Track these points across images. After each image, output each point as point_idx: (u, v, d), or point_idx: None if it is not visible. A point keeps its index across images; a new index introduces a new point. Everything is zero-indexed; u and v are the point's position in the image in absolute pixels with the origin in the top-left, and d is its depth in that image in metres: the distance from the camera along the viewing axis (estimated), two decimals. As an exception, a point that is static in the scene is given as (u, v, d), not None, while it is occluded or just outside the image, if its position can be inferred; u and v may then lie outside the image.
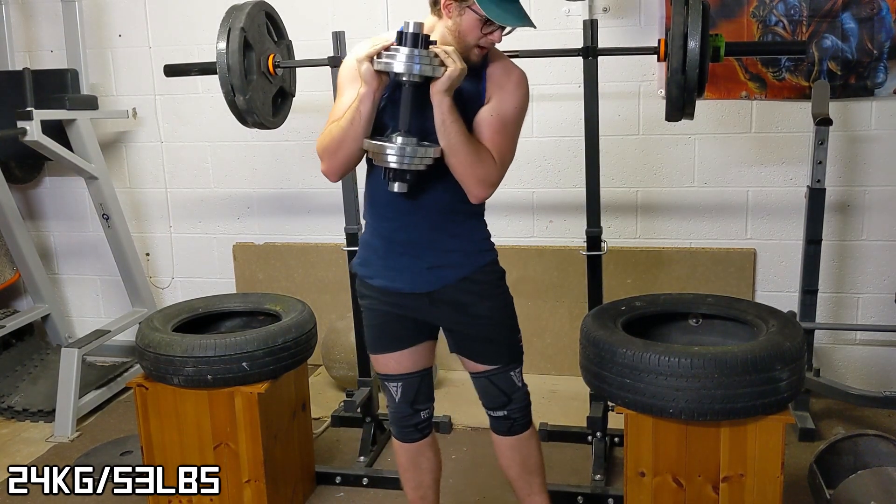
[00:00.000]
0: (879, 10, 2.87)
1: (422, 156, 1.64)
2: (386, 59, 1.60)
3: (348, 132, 1.68)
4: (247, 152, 3.56)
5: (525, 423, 1.94)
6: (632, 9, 3.08)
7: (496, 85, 1.74)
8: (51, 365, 3.42)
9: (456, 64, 1.61)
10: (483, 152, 1.71)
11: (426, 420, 1.96)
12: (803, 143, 3.02)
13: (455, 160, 1.69)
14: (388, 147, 1.63)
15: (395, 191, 1.68)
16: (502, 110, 1.74)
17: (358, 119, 1.66)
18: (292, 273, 3.59)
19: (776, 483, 1.86)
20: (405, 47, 1.59)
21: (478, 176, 1.71)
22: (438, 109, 1.64)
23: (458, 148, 1.67)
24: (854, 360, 3.18)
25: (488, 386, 1.90)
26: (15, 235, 3.33)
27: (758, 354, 1.80)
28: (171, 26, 3.50)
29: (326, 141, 1.73)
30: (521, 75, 1.78)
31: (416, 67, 1.58)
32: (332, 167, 1.76)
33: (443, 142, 1.67)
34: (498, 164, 1.74)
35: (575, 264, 3.22)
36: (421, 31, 1.60)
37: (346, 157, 1.73)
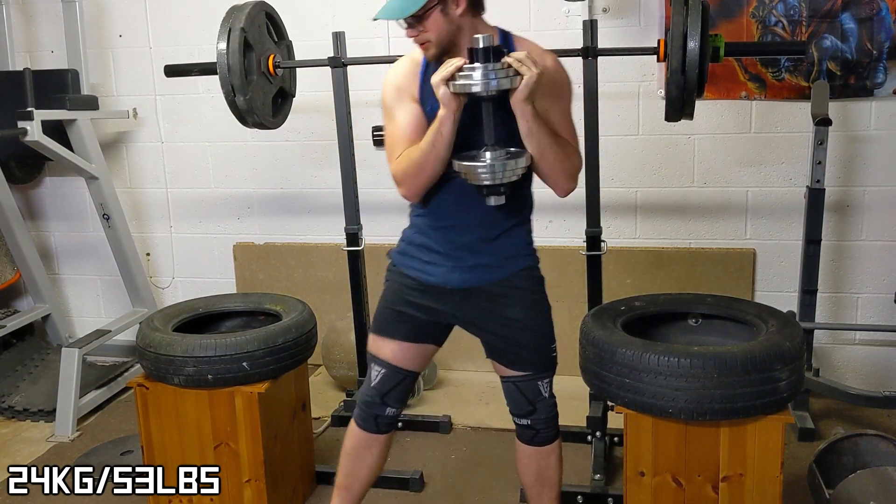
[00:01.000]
0: (879, 10, 2.87)
1: (513, 168, 1.65)
2: (463, 80, 1.60)
3: (430, 155, 1.69)
4: (247, 152, 3.56)
5: (549, 436, 1.91)
6: (632, 9, 3.08)
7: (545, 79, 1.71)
8: (51, 365, 3.42)
9: (532, 70, 1.60)
10: (567, 147, 1.75)
11: (390, 418, 1.94)
12: (803, 143, 3.02)
13: (545, 163, 1.72)
14: (479, 166, 1.64)
15: (493, 204, 1.69)
16: (559, 100, 1.77)
17: (441, 142, 1.67)
18: (292, 273, 3.59)
19: (776, 483, 1.87)
20: (479, 64, 1.59)
21: (567, 171, 1.76)
22: (523, 119, 1.65)
23: (547, 151, 1.70)
24: (853, 360, 3.18)
25: (514, 392, 1.88)
26: (15, 235, 3.33)
27: (757, 354, 1.80)
28: (171, 26, 3.50)
29: (406, 165, 1.73)
30: (555, 60, 1.78)
31: (494, 84, 1.58)
32: (414, 189, 1.77)
33: (531, 148, 1.68)
34: (577, 149, 1.79)
35: (575, 264, 3.22)
36: (492, 43, 1.59)
37: (429, 178, 1.74)
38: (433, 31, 1.69)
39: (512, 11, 3.17)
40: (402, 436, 2.92)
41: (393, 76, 1.81)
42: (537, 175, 1.76)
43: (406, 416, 3.00)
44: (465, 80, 1.60)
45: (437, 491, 2.53)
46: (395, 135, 1.79)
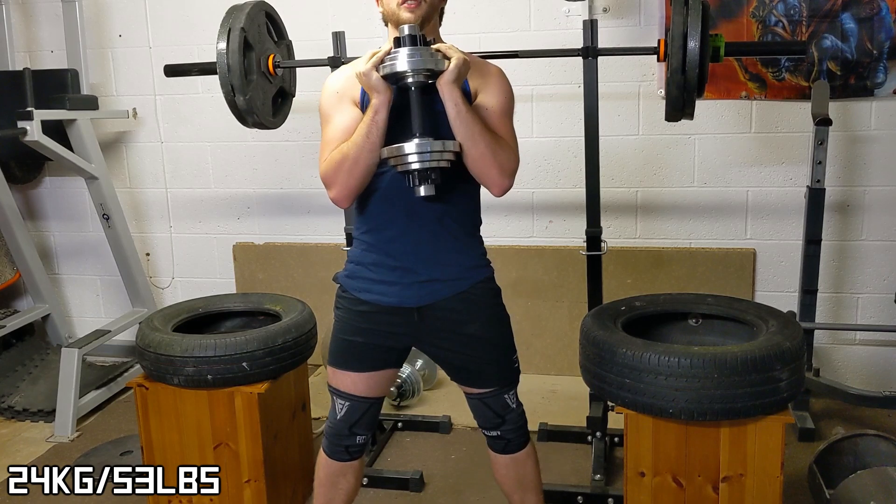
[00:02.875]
0: (879, 10, 2.87)
1: (441, 150, 1.60)
2: (389, 63, 1.59)
3: (364, 146, 1.63)
4: (247, 152, 3.56)
5: (520, 442, 1.89)
6: (632, 9, 3.08)
7: (478, 83, 1.73)
8: (51, 365, 3.42)
9: (459, 54, 1.62)
10: (500, 139, 1.70)
11: (359, 445, 1.89)
12: (803, 143, 3.02)
13: (476, 150, 1.65)
14: (406, 148, 1.59)
15: (423, 194, 1.62)
16: (496, 104, 1.73)
17: (375, 129, 1.62)
18: (292, 273, 3.59)
19: (776, 483, 1.86)
20: (405, 48, 1.59)
21: (500, 163, 1.67)
22: (451, 101, 1.62)
23: (477, 137, 1.64)
24: (854, 360, 3.18)
25: (481, 407, 1.85)
26: (15, 235, 3.33)
27: (757, 354, 1.80)
28: (171, 26, 3.50)
29: (337, 160, 1.67)
30: (498, 70, 1.78)
31: (420, 62, 1.58)
32: (346, 189, 1.69)
33: (459, 133, 1.63)
34: (515, 150, 1.73)
35: (575, 264, 3.22)
36: (417, 31, 1.60)
37: (362, 173, 1.66)
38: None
39: (512, 11, 3.17)
40: (402, 436, 2.92)
41: (334, 81, 1.78)
42: (470, 170, 1.68)
43: (406, 416, 3.00)
44: (391, 62, 1.59)
45: (437, 491, 2.53)
46: (329, 136, 1.74)
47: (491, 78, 1.75)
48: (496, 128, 1.71)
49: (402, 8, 1.67)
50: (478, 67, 1.75)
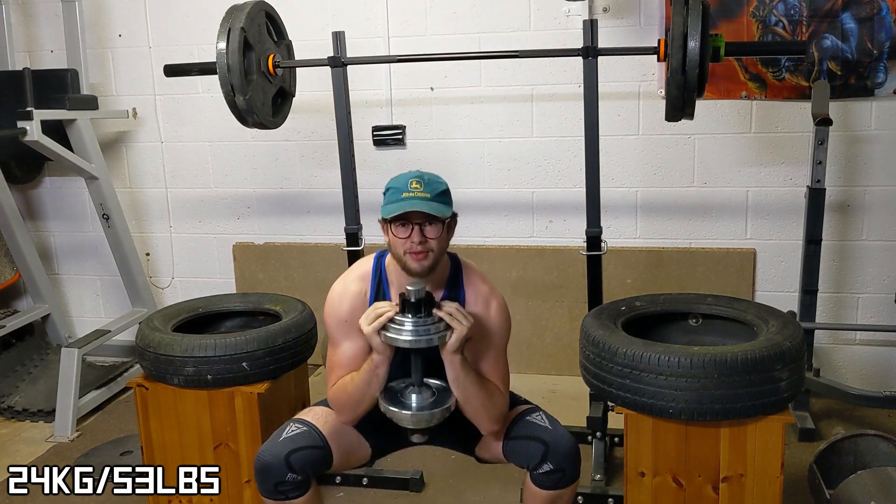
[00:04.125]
0: (879, 10, 2.87)
1: (439, 416, 1.68)
2: (393, 334, 1.62)
3: (366, 393, 1.72)
4: (247, 152, 3.56)
5: (574, 473, 1.74)
6: (632, 9, 3.08)
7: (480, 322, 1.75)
8: (51, 365, 3.42)
9: (462, 325, 1.63)
10: (494, 392, 1.75)
11: (291, 484, 1.71)
12: (803, 143, 3.02)
13: (470, 407, 1.73)
14: (404, 414, 1.67)
15: (416, 442, 1.75)
16: (494, 345, 1.79)
17: (376, 381, 1.70)
18: (292, 273, 3.59)
19: (776, 483, 1.86)
20: (409, 318, 1.60)
21: (491, 416, 1.75)
22: (451, 367, 1.67)
23: (472, 397, 1.71)
24: (854, 360, 3.18)
25: (515, 444, 1.77)
26: (15, 235, 3.33)
27: (758, 354, 1.80)
28: (171, 26, 3.50)
29: (343, 399, 1.77)
30: (500, 304, 1.80)
31: (423, 341, 1.61)
32: (352, 418, 1.80)
33: (457, 392, 1.70)
34: (505, 392, 1.79)
35: (575, 264, 3.22)
36: (422, 295, 1.60)
37: (365, 410, 1.77)
38: (437, 244, 1.68)
39: (512, 11, 3.17)
40: (402, 436, 2.92)
41: (338, 306, 1.80)
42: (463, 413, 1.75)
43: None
44: (395, 335, 1.62)
45: (437, 491, 2.53)
46: (337, 360, 1.81)
47: (491, 320, 1.78)
48: (490, 367, 1.78)
49: (409, 258, 1.68)
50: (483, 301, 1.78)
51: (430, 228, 1.66)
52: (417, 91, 3.31)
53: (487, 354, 1.78)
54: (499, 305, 1.80)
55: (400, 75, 3.30)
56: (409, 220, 1.65)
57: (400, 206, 1.64)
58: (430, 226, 1.66)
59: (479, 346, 1.77)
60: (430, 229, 1.66)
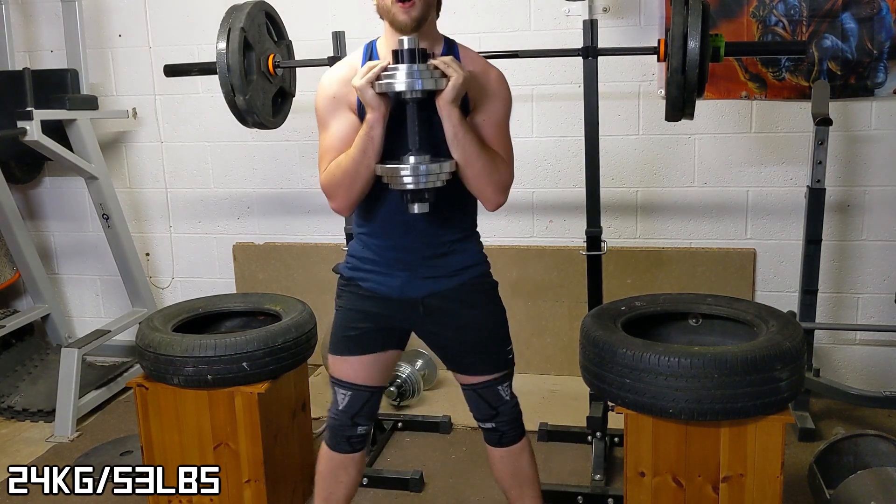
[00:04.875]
0: (879, 10, 2.87)
1: (437, 172, 1.60)
2: (386, 80, 1.57)
3: (362, 162, 1.63)
4: (247, 152, 3.56)
5: (515, 435, 1.90)
6: (632, 9, 3.08)
7: (479, 87, 1.71)
8: (51, 365, 3.42)
9: (458, 72, 1.58)
10: (496, 157, 1.70)
11: (361, 436, 1.90)
12: (803, 143, 3.02)
13: (471, 171, 1.66)
14: (402, 169, 1.58)
15: (416, 212, 1.63)
16: (494, 113, 1.73)
17: (371, 146, 1.62)
18: (292, 273, 3.59)
19: (776, 483, 1.86)
20: (403, 65, 1.56)
21: (496, 182, 1.70)
22: (449, 122, 1.61)
23: (473, 158, 1.65)
24: (854, 360, 3.18)
25: (475, 398, 1.87)
26: (15, 235, 3.33)
27: (758, 354, 1.80)
28: (171, 26, 3.50)
29: (338, 176, 1.68)
30: (498, 74, 1.76)
31: (419, 83, 1.55)
32: (347, 201, 1.71)
33: (456, 154, 1.64)
34: (509, 163, 1.74)
35: (575, 264, 3.22)
36: (416, 45, 1.57)
37: (362, 187, 1.68)
38: None
39: (512, 11, 3.17)
40: (402, 436, 2.92)
41: (329, 83, 1.73)
42: (465, 184, 1.70)
43: (406, 416, 3.00)
44: (388, 80, 1.56)
45: (437, 491, 2.53)
46: (327, 144, 1.73)
47: (490, 86, 1.73)
48: (493, 139, 1.72)
49: (397, 7, 1.63)
50: (476, 74, 1.72)
51: None
52: (417, 91, 3.30)
53: (488, 121, 1.71)
54: (497, 73, 1.75)
55: (400, 75, 3.30)
56: None
57: None
58: None
59: (478, 113, 1.71)
60: None
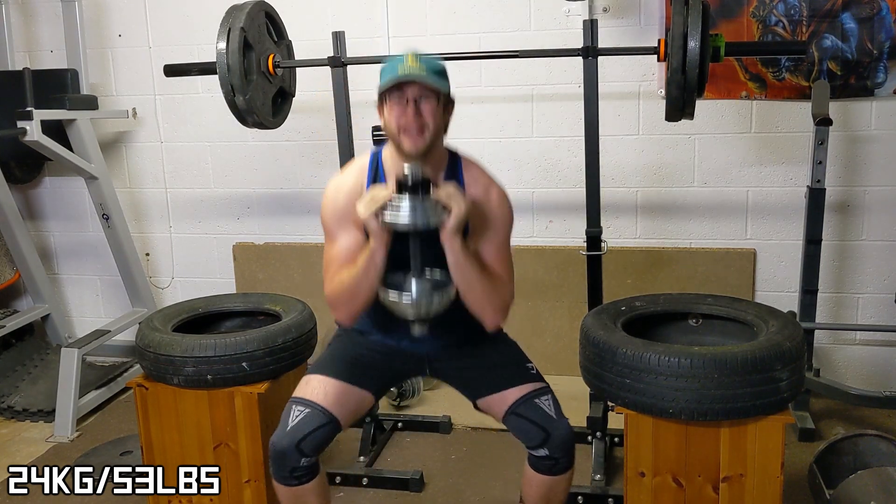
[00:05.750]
0: (879, 10, 2.87)
1: (438, 302, 1.65)
2: (391, 215, 1.59)
3: (364, 283, 1.68)
4: (247, 152, 3.56)
5: (568, 462, 1.81)
6: (632, 9, 3.08)
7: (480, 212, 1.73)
8: (51, 365, 3.42)
9: (461, 205, 1.60)
10: (496, 280, 1.73)
11: (305, 468, 1.75)
12: (803, 143, 3.02)
13: (472, 295, 1.69)
14: (404, 300, 1.64)
15: (416, 334, 1.69)
16: (496, 235, 1.77)
17: (374, 269, 1.66)
18: (292, 273, 3.59)
19: (776, 483, 1.86)
20: (406, 199, 1.58)
21: (495, 305, 1.73)
22: (451, 251, 1.64)
23: (474, 283, 1.68)
24: (854, 360, 3.18)
25: (519, 422, 1.79)
26: (15, 235, 3.33)
27: (758, 354, 1.80)
28: (171, 26, 3.50)
29: (340, 291, 1.73)
30: (500, 195, 1.78)
31: (421, 221, 1.58)
32: (349, 314, 1.76)
33: (458, 279, 1.67)
34: (509, 283, 1.77)
35: (575, 264, 3.22)
36: (420, 176, 1.58)
37: (364, 303, 1.72)
38: (433, 121, 1.66)
39: (512, 11, 3.17)
40: (402, 436, 2.92)
41: (335, 197, 1.79)
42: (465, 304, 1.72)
43: (406, 416, 3.00)
44: (392, 215, 1.59)
45: (437, 491, 2.53)
46: (332, 255, 1.80)
47: (492, 209, 1.76)
48: (493, 260, 1.75)
49: (404, 136, 1.65)
50: (478, 200, 1.75)
51: (425, 105, 1.64)
52: (417, 91, 3.30)
53: (490, 244, 1.75)
54: (499, 193, 1.78)
55: (400, 75, 3.30)
56: (404, 94, 1.63)
57: (396, 77, 1.61)
58: (426, 102, 1.64)
59: (480, 236, 1.73)
60: (426, 105, 1.64)
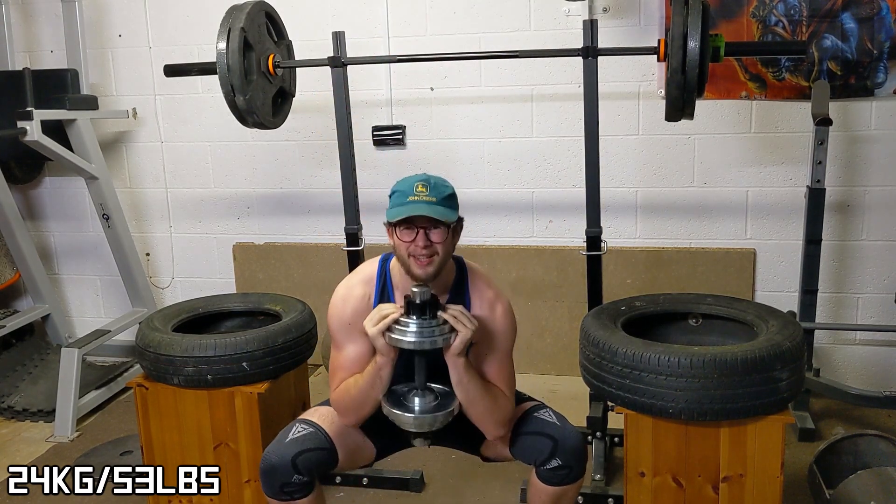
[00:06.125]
0: (879, 10, 2.87)
1: (442, 420, 1.68)
2: (398, 335, 1.61)
3: (370, 395, 1.71)
4: (247, 152, 3.56)
5: (580, 470, 1.76)
6: (632, 9, 3.08)
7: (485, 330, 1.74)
8: (51, 365, 3.42)
9: (466, 328, 1.62)
10: (499, 396, 1.75)
11: (296, 485, 1.72)
12: (803, 143, 3.02)
13: (474, 410, 1.72)
14: (407, 418, 1.67)
15: (418, 446, 1.74)
16: (499, 350, 1.78)
17: (379, 383, 1.69)
18: (292, 273, 3.59)
19: (776, 483, 1.86)
20: (414, 320, 1.60)
21: (496, 420, 1.75)
22: (454, 369, 1.67)
23: (477, 400, 1.71)
24: (854, 360, 3.18)
25: (523, 440, 1.78)
26: (15, 235, 3.33)
27: (758, 354, 1.80)
28: (171, 26, 3.50)
29: (346, 401, 1.76)
30: (505, 310, 1.79)
31: (428, 343, 1.60)
32: (355, 420, 1.79)
33: (461, 395, 1.69)
34: (510, 397, 1.78)
35: (575, 264, 3.22)
36: (427, 297, 1.60)
37: (369, 411, 1.76)
38: (443, 248, 1.67)
39: (512, 11, 3.17)
40: (402, 436, 2.92)
41: (342, 309, 1.78)
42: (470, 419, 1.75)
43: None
44: (399, 336, 1.61)
45: (437, 491, 2.53)
46: (339, 363, 1.80)
47: (496, 325, 1.77)
48: (495, 373, 1.77)
49: (413, 262, 1.67)
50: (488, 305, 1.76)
51: (435, 233, 1.65)
52: (417, 91, 3.31)
53: (492, 359, 1.77)
54: (504, 309, 1.79)
55: (400, 75, 3.30)
56: (414, 223, 1.64)
57: (405, 209, 1.63)
58: (435, 230, 1.65)
59: (483, 351, 1.76)
60: (435, 233, 1.65)
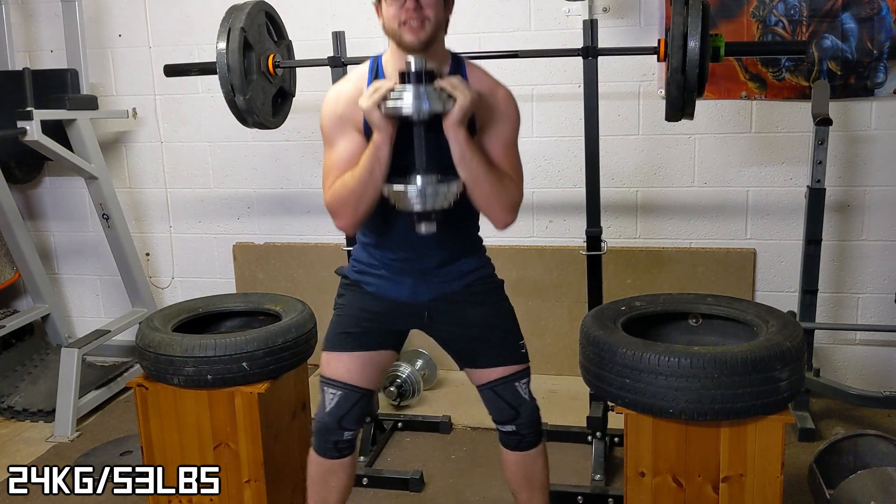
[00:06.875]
0: (879, 10, 2.87)
1: (444, 193, 1.60)
2: (393, 102, 1.55)
3: (369, 182, 1.62)
4: (247, 152, 3.56)
5: (535, 439, 1.89)
6: (632, 9, 3.08)
7: (486, 108, 1.70)
8: (51, 365, 3.42)
9: (465, 94, 1.57)
10: (504, 177, 1.69)
11: (348, 441, 1.87)
12: (803, 143, 3.02)
13: (479, 191, 1.65)
14: (409, 191, 1.59)
15: (423, 232, 1.62)
16: (502, 133, 1.72)
17: (378, 166, 1.61)
18: (292, 273, 3.59)
19: (776, 483, 1.86)
20: (410, 86, 1.55)
21: (504, 203, 1.69)
22: (456, 143, 1.60)
23: (481, 178, 1.64)
24: (854, 360, 3.18)
25: (494, 398, 1.86)
26: (15, 235, 3.33)
27: (758, 354, 1.80)
28: (171, 26, 3.50)
29: (344, 195, 1.67)
30: (506, 93, 1.75)
31: (426, 106, 1.54)
32: (352, 220, 1.70)
33: (464, 174, 1.63)
34: (518, 182, 1.74)
35: (575, 264, 3.22)
36: (424, 66, 1.55)
37: (368, 206, 1.66)
38: (434, 13, 1.62)
39: (512, 11, 3.17)
40: (402, 436, 2.92)
41: (335, 103, 1.74)
42: (473, 203, 1.70)
43: (406, 416, 3.00)
44: (395, 103, 1.55)
45: (437, 491, 2.53)
46: (332, 162, 1.73)
47: (498, 106, 1.72)
48: (502, 160, 1.71)
49: (404, 29, 1.62)
50: (483, 94, 1.70)
51: None
52: (417, 91, 3.30)
53: (496, 141, 1.70)
54: (506, 93, 1.74)
55: (400, 75, 3.30)
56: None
57: None
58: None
59: (486, 133, 1.70)
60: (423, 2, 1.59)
